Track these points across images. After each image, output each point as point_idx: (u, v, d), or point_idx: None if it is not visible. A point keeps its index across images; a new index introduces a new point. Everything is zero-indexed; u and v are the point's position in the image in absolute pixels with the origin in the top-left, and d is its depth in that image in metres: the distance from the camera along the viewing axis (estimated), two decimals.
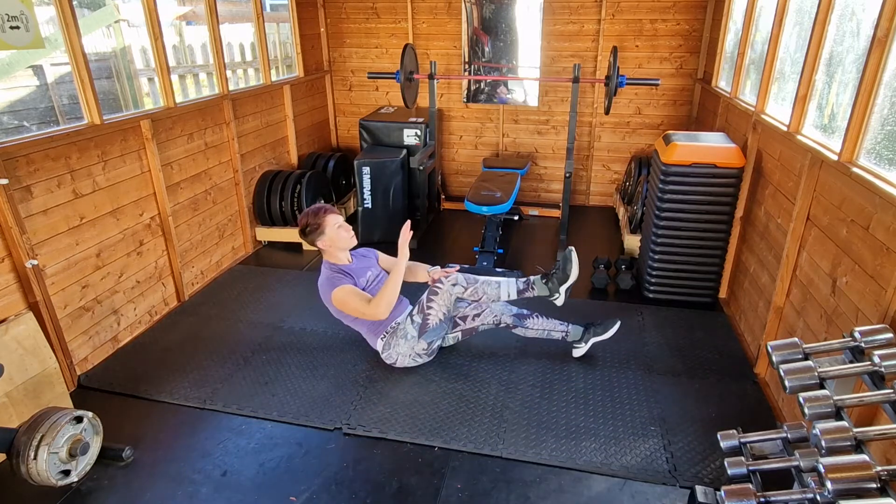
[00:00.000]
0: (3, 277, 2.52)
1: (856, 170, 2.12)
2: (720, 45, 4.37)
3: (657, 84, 4.12)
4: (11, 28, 2.42)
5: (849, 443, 1.45)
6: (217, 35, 3.93)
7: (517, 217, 5.07)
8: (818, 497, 1.42)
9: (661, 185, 3.34)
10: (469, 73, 5.32)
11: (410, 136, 4.85)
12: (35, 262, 2.59)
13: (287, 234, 4.55)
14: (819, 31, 2.60)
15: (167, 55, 3.45)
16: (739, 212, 3.39)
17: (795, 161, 2.69)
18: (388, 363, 2.94)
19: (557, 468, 2.34)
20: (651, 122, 5.22)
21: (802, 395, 1.59)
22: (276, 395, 2.78)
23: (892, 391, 1.50)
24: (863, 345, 1.67)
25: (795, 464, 1.65)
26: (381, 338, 2.90)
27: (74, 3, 2.77)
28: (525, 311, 3.03)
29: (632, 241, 4.29)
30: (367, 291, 2.88)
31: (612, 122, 5.27)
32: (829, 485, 1.35)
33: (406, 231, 2.77)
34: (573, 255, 2.65)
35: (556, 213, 5.18)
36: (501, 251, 4.28)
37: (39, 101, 4.59)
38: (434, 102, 4.69)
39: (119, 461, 2.37)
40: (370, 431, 2.54)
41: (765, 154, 3.15)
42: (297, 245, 4.55)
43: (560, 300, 2.75)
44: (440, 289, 2.76)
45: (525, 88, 5.33)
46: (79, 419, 2.23)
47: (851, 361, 1.71)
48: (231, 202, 4.25)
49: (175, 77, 4.03)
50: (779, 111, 3.13)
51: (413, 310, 2.84)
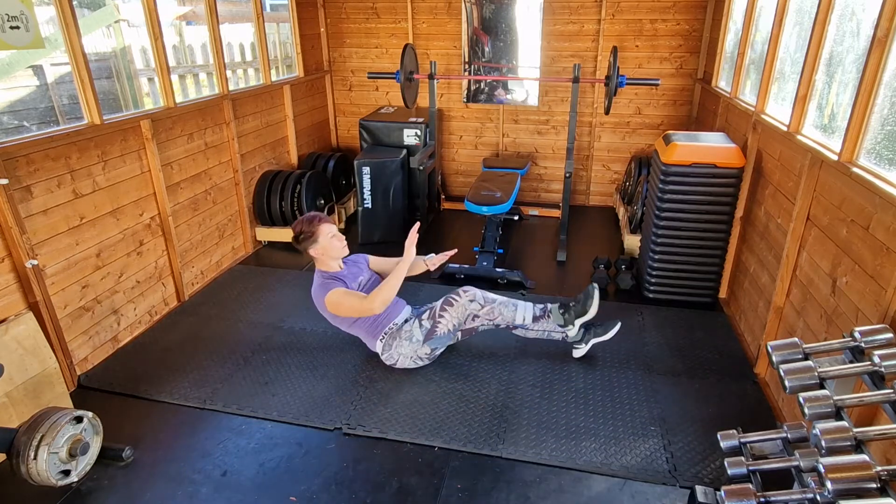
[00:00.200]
0: (3, 277, 2.52)
1: (856, 170, 2.12)
2: (720, 45, 4.37)
3: (657, 84, 4.13)
4: (11, 28, 2.42)
5: (849, 443, 1.45)
6: (217, 35, 3.93)
7: (517, 217, 5.07)
8: (818, 497, 1.42)
9: (661, 185, 3.34)
10: (469, 73, 5.32)
11: (410, 136, 4.85)
12: (35, 262, 2.59)
13: (287, 234, 4.52)
14: (819, 31, 2.60)
15: (167, 55, 3.45)
16: (739, 212, 3.39)
17: (795, 161, 2.69)
18: (388, 364, 2.94)
19: (557, 468, 2.34)
20: (651, 122, 5.22)
21: (802, 395, 1.59)
22: (276, 395, 2.78)
23: (892, 391, 1.50)
24: (863, 345, 1.67)
25: (795, 464, 1.65)
26: (381, 339, 2.90)
27: (74, 3, 2.76)
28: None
29: (632, 241, 4.29)
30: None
31: (612, 122, 5.27)
32: (829, 485, 1.35)
33: (414, 233, 2.77)
34: (596, 294, 2.66)
35: (556, 213, 5.18)
36: (501, 251, 4.28)
37: (39, 101, 4.59)
38: (434, 102, 4.69)
39: (119, 461, 2.37)
40: (370, 431, 2.54)
41: (765, 154, 3.15)
42: None
43: (573, 332, 2.76)
44: (457, 301, 2.76)
45: (525, 88, 5.33)
46: (79, 419, 2.23)
47: (851, 361, 1.71)
48: (231, 202, 4.25)
49: (175, 77, 4.03)
50: (779, 111, 3.13)
51: (423, 314, 2.83)
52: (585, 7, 4.96)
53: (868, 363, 1.61)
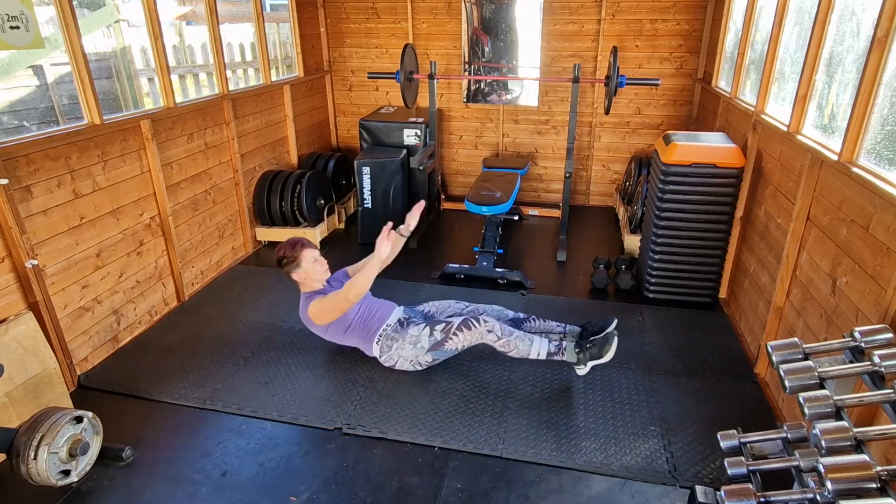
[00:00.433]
0: (3, 277, 2.52)
1: (856, 170, 2.12)
2: (720, 45, 4.37)
3: (657, 84, 4.13)
4: (11, 28, 2.42)
5: (849, 443, 1.45)
6: (217, 35, 3.93)
7: (517, 217, 5.07)
8: (818, 497, 1.42)
9: (661, 185, 3.34)
10: (469, 73, 5.32)
11: (410, 136, 4.85)
12: (35, 262, 2.59)
13: (287, 235, 4.54)
14: (819, 31, 2.60)
15: (167, 55, 3.45)
16: (739, 212, 3.39)
17: (795, 161, 2.69)
18: (387, 366, 2.94)
19: (557, 468, 2.34)
20: (651, 122, 5.22)
21: (802, 395, 1.59)
22: (276, 395, 2.78)
23: (892, 391, 1.50)
24: (863, 345, 1.67)
25: (795, 464, 1.65)
26: (377, 342, 2.91)
27: (74, 3, 2.76)
28: (521, 315, 3.06)
29: (632, 241, 4.29)
30: (353, 308, 2.90)
31: (612, 122, 5.27)
32: (829, 485, 1.35)
33: (386, 230, 2.75)
34: (615, 341, 2.67)
35: (556, 213, 5.18)
36: (501, 251, 4.28)
37: (39, 101, 4.59)
38: (434, 102, 4.69)
39: (119, 461, 2.37)
40: (370, 431, 2.54)
41: (765, 154, 3.15)
42: None
43: (583, 371, 2.77)
44: (475, 328, 2.78)
45: (525, 88, 5.33)
46: (79, 419, 2.23)
47: (851, 361, 1.71)
48: (231, 202, 4.25)
49: (175, 77, 4.03)
50: (779, 111, 3.13)
51: (438, 325, 2.83)
52: (585, 7, 4.96)
53: (868, 363, 1.61)
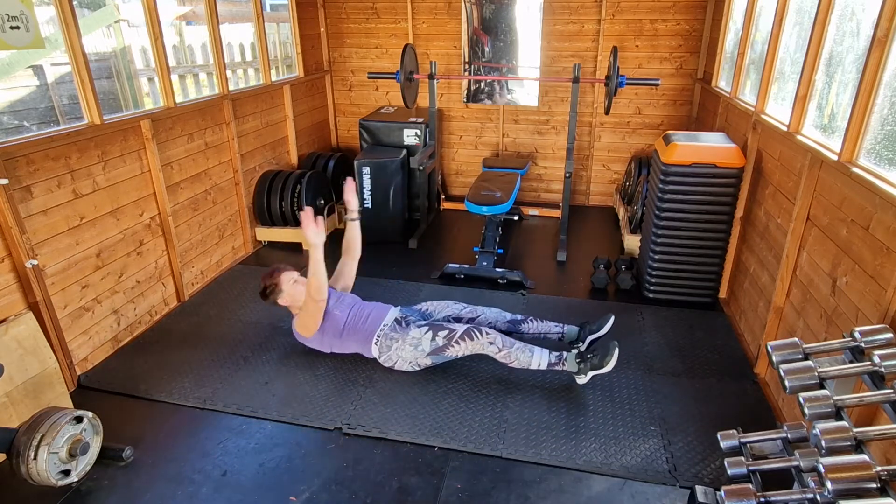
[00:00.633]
0: (3, 277, 2.52)
1: (856, 170, 2.12)
2: (720, 45, 4.37)
3: (657, 84, 4.13)
4: (11, 28, 2.42)
5: (849, 443, 1.45)
6: (217, 35, 3.93)
7: (517, 217, 5.07)
8: (818, 497, 1.42)
9: (661, 185, 3.34)
10: (469, 73, 5.32)
11: (410, 136, 4.85)
12: (35, 262, 2.59)
13: (287, 235, 4.55)
14: (819, 31, 2.60)
15: (167, 55, 3.45)
16: (739, 212, 3.39)
17: (795, 161, 2.69)
18: (387, 366, 2.94)
19: (557, 468, 2.34)
20: (651, 122, 5.22)
21: (802, 395, 1.59)
22: (276, 395, 2.78)
23: (892, 391, 1.50)
24: (863, 345, 1.67)
25: (795, 464, 1.65)
26: (375, 343, 2.91)
27: (74, 3, 2.76)
28: (519, 317, 3.06)
29: (632, 241, 4.29)
30: (337, 309, 2.98)
31: (612, 122, 5.27)
32: (829, 485, 1.35)
33: (305, 215, 2.73)
34: (616, 353, 2.68)
35: (556, 213, 5.18)
36: (501, 251, 4.28)
37: (39, 101, 4.60)
38: (434, 102, 4.69)
39: (119, 461, 2.37)
40: (370, 431, 2.54)
41: (765, 154, 3.15)
42: (297, 245, 4.55)
43: (583, 381, 2.78)
44: (477, 339, 2.79)
45: (525, 88, 5.33)
46: (79, 419, 2.23)
47: (851, 361, 1.71)
48: (231, 202, 4.25)
49: (175, 77, 4.03)
50: (779, 111, 3.13)
51: (441, 332, 2.83)
52: (585, 7, 4.95)
53: (868, 363, 1.61)
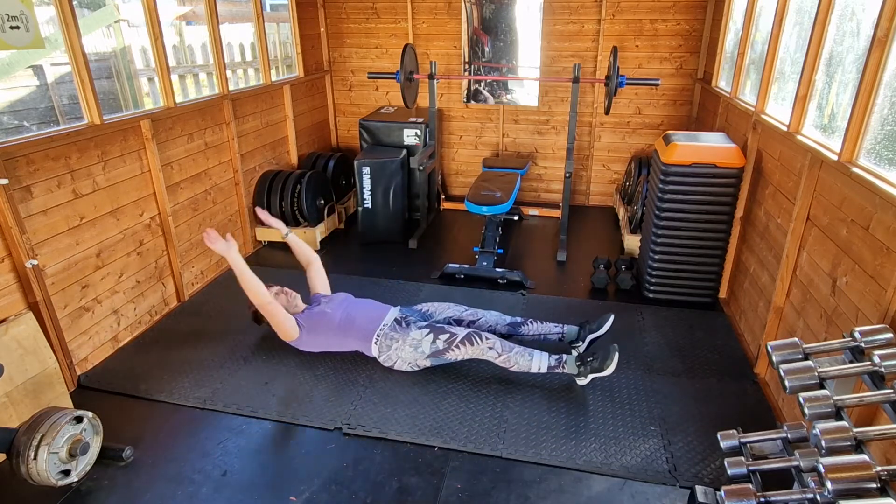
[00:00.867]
0: (3, 277, 2.52)
1: (856, 170, 2.12)
2: (720, 45, 4.37)
3: (657, 84, 4.13)
4: (11, 28, 2.42)
5: (849, 443, 1.45)
6: (217, 35, 3.93)
7: (517, 217, 5.07)
8: (818, 497, 1.42)
9: (661, 185, 3.34)
10: (469, 73, 5.32)
11: (410, 136, 4.85)
12: (35, 262, 2.59)
13: None
14: (819, 31, 2.60)
15: (167, 55, 3.45)
16: (739, 212, 3.39)
17: (795, 161, 2.69)
18: (387, 366, 2.95)
19: (557, 468, 2.34)
20: (651, 122, 5.22)
21: (802, 395, 1.59)
22: (276, 395, 2.78)
23: (892, 391, 1.50)
24: (863, 345, 1.67)
25: (795, 464, 1.65)
26: (375, 342, 2.92)
27: (74, 3, 2.76)
28: (518, 319, 3.07)
29: (632, 241, 4.29)
30: (329, 308, 3.05)
31: (612, 122, 5.27)
32: (829, 485, 1.35)
33: (205, 233, 2.86)
34: (616, 356, 2.69)
35: (556, 213, 5.18)
36: (501, 251, 4.28)
37: (39, 101, 4.60)
38: (434, 102, 4.69)
39: (119, 461, 2.37)
40: (370, 431, 2.54)
41: (765, 154, 3.15)
42: None
43: (583, 382, 2.80)
44: (478, 344, 2.80)
45: (525, 88, 5.33)
46: (79, 419, 2.23)
47: (851, 361, 1.71)
48: (231, 202, 4.25)
49: (175, 77, 4.03)
50: (779, 111, 3.13)
51: (442, 335, 2.84)
52: (585, 7, 4.95)
53: (868, 363, 1.61)
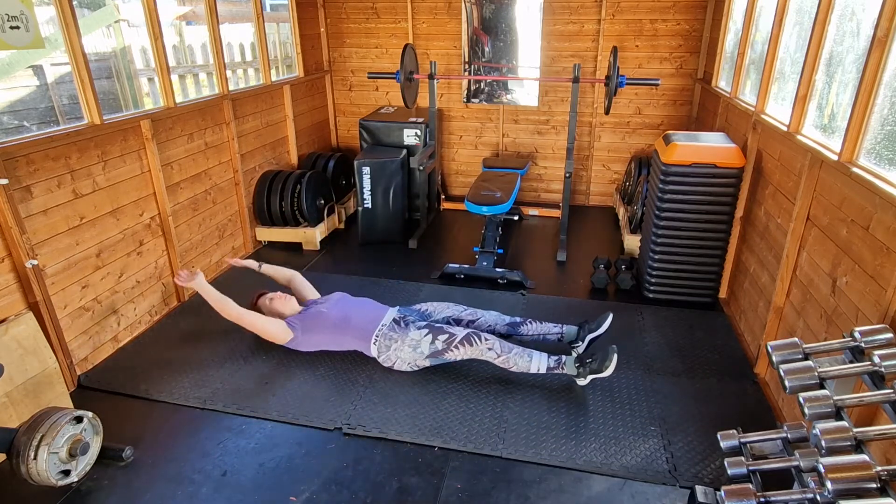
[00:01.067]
0: (3, 277, 2.52)
1: (856, 170, 2.12)
2: (720, 45, 4.37)
3: (657, 84, 4.13)
4: (11, 28, 2.42)
5: (849, 443, 1.45)
6: (217, 35, 3.93)
7: (517, 217, 5.07)
8: (818, 497, 1.42)
9: (661, 185, 3.34)
10: (469, 73, 5.32)
11: (410, 136, 4.85)
12: (35, 262, 2.59)
13: (287, 235, 4.55)
14: (819, 31, 2.60)
15: (167, 55, 3.45)
16: (739, 212, 3.39)
17: (795, 161, 2.69)
18: (386, 366, 2.95)
19: (557, 468, 2.34)
20: (651, 122, 5.22)
21: (802, 395, 1.60)
22: (276, 395, 2.78)
23: (892, 391, 1.50)
24: (863, 345, 1.67)
25: (795, 464, 1.65)
26: (374, 343, 2.93)
27: (74, 3, 2.76)
28: (518, 319, 3.07)
29: (632, 241, 4.29)
30: (324, 307, 3.08)
31: (612, 122, 5.27)
32: (829, 485, 1.35)
33: (178, 277, 3.10)
34: (615, 357, 2.69)
35: (556, 213, 5.18)
36: (501, 251, 4.28)
37: (39, 101, 4.60)
38: (434, 102, 4.69)
39: (119, 461, 2.37)
40: (370, 431, 2.54)
41: (765, 154, 3.15)
42: (297, 245, 4.56)
43: (583, 382, 2.81)
44: (477, 345, 2.80)
45: (525, 88, 5.33)
46: (79, 419, 2.23)
47: (851, 361, 1.71)
48: (231, 202, 4.25)
49: (175, 77, 4.03)
50: (779, 111, 3.13)
51: (441, 336, 2.84)
52: (585, 7, 4.95)
53: (868, 363, 1.61)
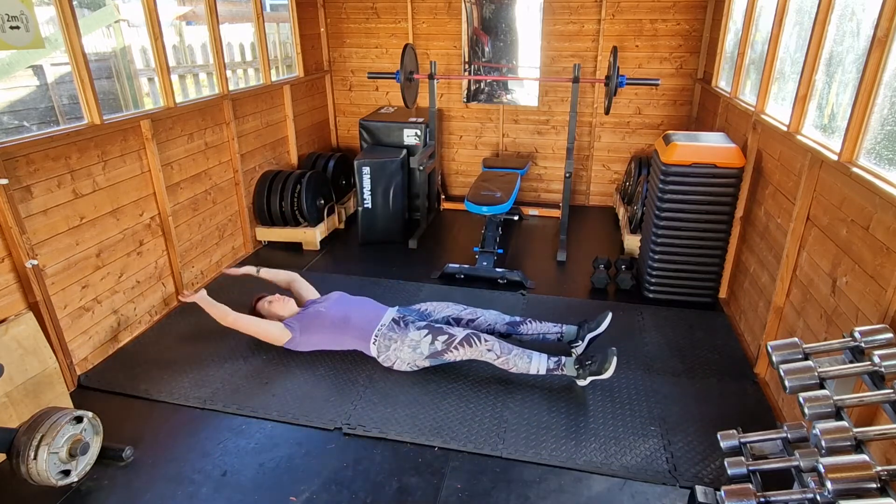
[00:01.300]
0: (3, 277, 2.52)
1: (856, 170, 2.12)
2: (720, 45, 4.37)
3: (657, 84, 4.12)
4: (11, 28, 2.42)
5: (849, 443, 1.45)
6: (217, 35, 3.93)
7: (517, 217, 5.07)
8: (818, 497, 1.42)
9: (661, 185, 3.34)
10: (469, 73, 5.32)
11: (410, 136, 4.85)
12: (35, 262, 2.59)
13: (287, 235, 4.55)
14: (819, 31, 2.60)
15: (167, 55, 3.45)
16: (739, 212, 3.39)
17: (795, 161, 2.69)
18: (386, 366, 2.95)
19: (557, 468, 2.34)
20: (651, 122, 5.22)
21: (802, 395, 1.60)
22: (276, 395, 2.78)
23: (892, 391, 1.50)
24: (863, 345, 1.67)
25: (795, 464, 1.65)
26: (373, 342, 2.93)
27: (74, 3, 2.76)
28: (517, 319, 3.07)
29: (632, 241, 4.29)
30: (322, 306, 3.11)
31: (612, 122, 5.27)
32: (829, 485, 1.35)
33: (183, 296, 3.16)
34: (614, 360, 2.70)
35: (556, 213, 5.18)
36: (501, 251, 4.28)
37: (39, 101, 4.60)
38: (434, 102, 4.69)
39: (119, 461, 2.37)
40: (370, 431, 2.54)
41: (765, 154, 3.15)
42: (297, 245, 4.55)
43: (583, 383, 2.81)
44: (476, 346, 2.81)
45: (525, 88, 5.33)
46: (79, 419, 2.23)
47: (851, 361, 1.71)
48: (231, 202, 4.25)
49: (175, 77, 4.03)
50: (779, 111, 3.13)
51: (441, 336, 2.84)
52: (585, 7, 4.95)
53: (868, 363, 1.61)
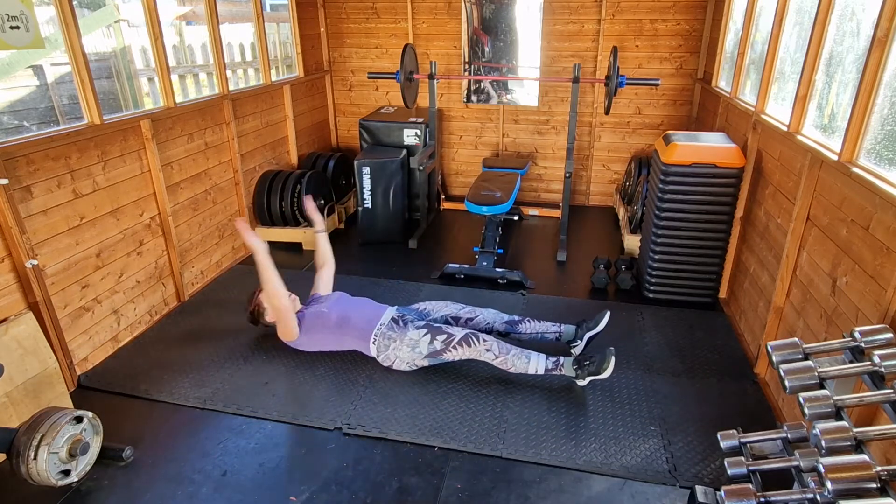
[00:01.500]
0: (3, 277, 2.52)
1: (856, 170, 2.12)
2: (720, 45, 4.37)
3: (657, 84, 4.12)
4: (11, 28, 2.42)
5: (849, 443, 1.45)
6: (217, 35, 3.93)
7: (517, 217, 5.07)
8: (818, 497, 1.42)
9: (661, 185, 3.34)
10: (469, 73, 5.32)
11: (410, 136, 4.85)
12: (35, 262, 2.59)
13: (287, 235, 4.55)
14: (819, 31, 2.60)
15: (167, 55, 3.45)
16: (739, 212, 3.39)
17: (795, 161, 2.69)
18: (385, 365, 2.95)
19: (557, 468, 2.34)
20: (651, 122, 5.22)
21: (802, 395, 1.59)
22: (276, 395, 2.78)
23: (892, 391, 1.50)
24: (863, 345, 1.67)
25: (795, 464, 1.65)
26: (373, 342, 2.93)
27: (74, 3, 2.77)
28: (516, 318, 3.07)
29: (632, 241, 4.29)
30: (324, 307, 3.08)
31: (612, 122, 5.27)
32: (829, 485, 1.35)
33: (239, 223, 2.96)
34: (612, 360, 2.71)
35: (556, 213, 5.18)
36: (501, 251, 4.28)
37: (39, 101, 4.60)
38: (434, 102, 4.69)
39: (119, 461, 2.37)
40: (370, 431, 2.54)
41: (765, 154, 3.15)
42: (297, 245, 4.55)
43: (582, 383, 2.81)
44: (475, 345, 2.81)
45: (525, 88, 5.33)
46: (79, 419, 2.23)
47: (851, 361, 1.71)
48: (231, 202, 4.25)
49: (175, 77, 4.03)
50: (779, 111, 3.13)
51: (440, 336, 2.84)
52: (585, 7, 4.95)
53: (868, 363, 1.61)
